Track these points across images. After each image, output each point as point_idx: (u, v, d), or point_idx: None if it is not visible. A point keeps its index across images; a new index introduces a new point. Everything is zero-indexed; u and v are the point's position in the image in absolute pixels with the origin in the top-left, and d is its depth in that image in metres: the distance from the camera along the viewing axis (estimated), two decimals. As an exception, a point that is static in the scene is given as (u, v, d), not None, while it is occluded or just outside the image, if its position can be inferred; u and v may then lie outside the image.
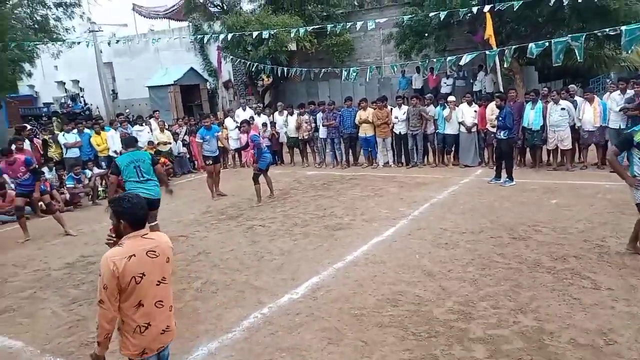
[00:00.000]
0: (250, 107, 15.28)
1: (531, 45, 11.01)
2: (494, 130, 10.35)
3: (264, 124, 13.64)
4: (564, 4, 12.12)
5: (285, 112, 13.71)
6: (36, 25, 17.57)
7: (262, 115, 14.36)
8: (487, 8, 12.18)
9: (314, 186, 10.93)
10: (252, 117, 13.68)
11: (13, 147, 10.06)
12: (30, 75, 20.27)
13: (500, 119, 9.55)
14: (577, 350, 3.92)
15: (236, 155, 14.41)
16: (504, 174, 9.65)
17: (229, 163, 14.69)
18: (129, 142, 7.39)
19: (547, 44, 10.85)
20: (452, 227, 7.14)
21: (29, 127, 14.68)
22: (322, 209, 8.83)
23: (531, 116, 10.36)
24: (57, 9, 17.84)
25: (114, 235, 3.10)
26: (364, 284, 5.45)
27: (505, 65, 12.43)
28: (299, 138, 13.40)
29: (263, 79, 22.03)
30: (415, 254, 6.20)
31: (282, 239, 7.34)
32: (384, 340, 4.31)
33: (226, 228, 8.15)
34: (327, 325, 4.64)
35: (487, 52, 11.94)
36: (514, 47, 11.58)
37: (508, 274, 5.43)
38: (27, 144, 10.94)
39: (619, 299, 4.66)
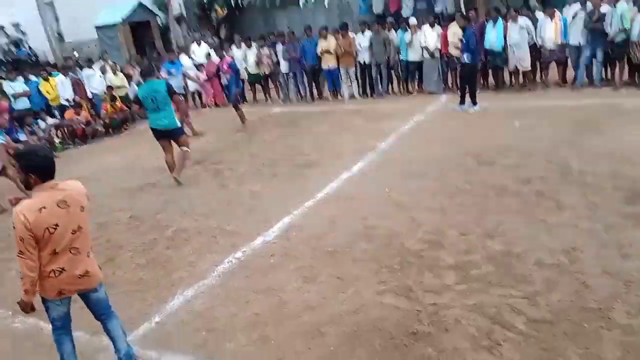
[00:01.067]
0: (205, 42, 14.60)
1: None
2: (457, 53, 10.19)
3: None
4: None
5: (244, 46, 13.09)
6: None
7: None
8: None
9: (280, 124, 10.72)
10: (208, 54, 13.11)
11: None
12: (-37, 20, 18.73)
13: (464, 41, 9.37)
14: (543, 270, 4.08)
15: (196, 96, 13.92)
16: (468, 99, 9.63)
17: (189, 106, 14.17)
18: (147, 71, 7.37)
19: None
20: (420, 157, 7.16)
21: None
22: (290, 147, 8.71)
23: (493, 36, 10.17)
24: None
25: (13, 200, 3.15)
26: (336, 221, 5.48)
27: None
28: (260, 74, 12.94)
29: (217, 11, 20.92)
30: (385, 187, 6.24)
31: (251, 181, 7.25)
32: (358, 275, 4.39)
33: (193, 173, 7.98)
34: (301, 264, 4.69)
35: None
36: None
37: (476, 201, 5.53)
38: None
39: (581, 217, 4.83)
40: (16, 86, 11.53)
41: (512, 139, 7.46)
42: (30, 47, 24.95)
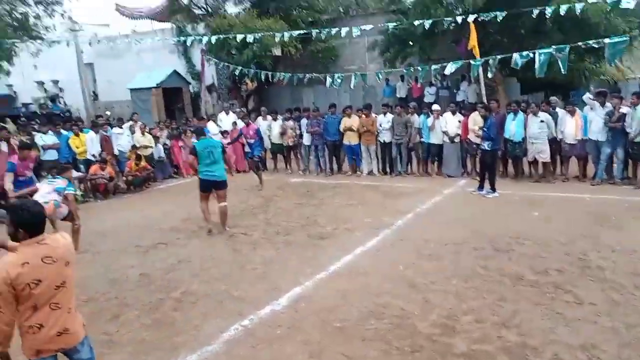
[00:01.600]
0: (233, 112, 15.16)
1: (515, 56, 11.10)
2: (477, 140, 10.42)
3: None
4: (546, 17, 12.28)
5: (269, 118, 13.60)
6: (15, 23, 17.20)
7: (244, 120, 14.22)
8: (471, 18, 12.27)
9: (297, 193, 10.84)
10: (235, 122, 13.58)
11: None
12: (8, 74, 19.85)
13: (485, 129, 9.59)
14: (560, 366, 3.90)
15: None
16: (487, 185, 9.69)
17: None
18: (200, 131, 8.81)
19: (531, 54, 10.95)
20: (436, 238, 7.11)
21: (6, 127, 14.32)
22: (305, 217, 8.74)
23: (512, 127, 10.43)
24: (37, 7, 17.52)
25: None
26: (347, 295, 5.38)
27: (489, 76, 12.52)
28: (283, 144, 13.30)
29: (247, 83, 21.87)
30: (399, 265, 6.16)
31: (264, 247, 7.23)
32: (366, 355, 4.24)
33: (207, 236, 8.01)
34: (309, 337, 4.56)
35: (471, 62, 12.01)
36: (498, 57, 11.67)
37: (491, 287, 5.41)
38: (3, 145, 10.65)
39: (601, 314, 4.67)
40: (47, 138, 11.95)
41: (530, 227, 7.39)
42: (65, 103, 26.18)
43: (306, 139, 12.84)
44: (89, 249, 7.53)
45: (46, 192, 7.17)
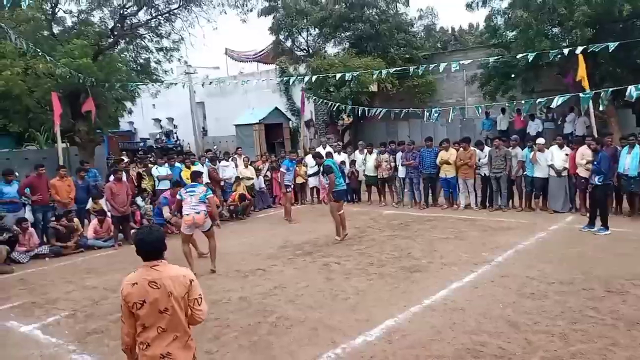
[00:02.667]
0: (329, 145, 15.56)
1: (631, 88, 10.32)
2: (586, 174, 9.78)
3: (343, 162, 13.84)
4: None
5: (365, 151, 13.81)
6: (139, 68, 19.17)
7: (341, 153, 14.55)
8: (579, 50, 11.68)
9: (391, 226, 10.78)
10: (330, 154, 13.93)
11: (111, 177, 10.94)
12: (130, 112, 22.03)
13: (596, 163, 9.00)
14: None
15: (314, 192, 14.66)
16: (597, 222, 9.00)
17: (307, 199, 14.93)
18: (319, 154, 10.57)
19: (648, 87, 10.15)
20: (540, 277, 6.71)
21: (125, 159, 15.86)
22: (399, 250, 8.66)
23: (627, 161, 9.67)
24: (158, 53, 19.40)
25: None
26: (442, 331, 5.22)
27: (600, 108, 11.76)
28: (378, 177, 13.38)
29: (343, 119, 22.43)
30: (499, 303, 5.87)
31: (357, 277, 7.25)
32: (462, 393, 4.07)
33: (302, 264, 8.21)
34: (402, 371, 4.48)
35: (581, 95, 11.36)
36: (610, 90, 10.93)
37: (603, 331, 4.98)
38: (124, 175, 11.79)
39: None
40: (161, 170, 13.05)
41: (649, 269, 6.73)
42: (177, 138, 28.43)
43: (401, 172, 12.83)
44: (195, 271, 8.02)
45: (194, 204, 7.87)
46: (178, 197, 8.30)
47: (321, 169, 10.17)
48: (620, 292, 5.96)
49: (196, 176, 8.50)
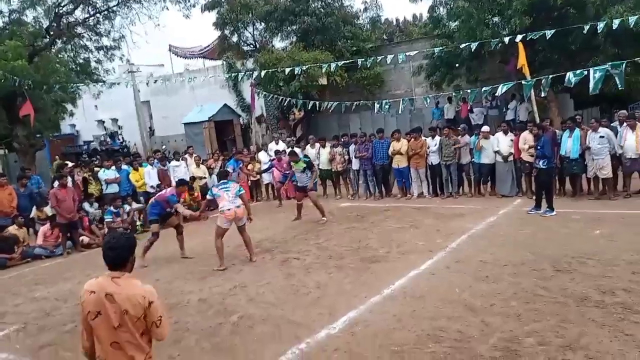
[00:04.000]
0: (282, 141, 15.49)
1: (569, 74, 10.79)
2: (530, 159, 10.19)
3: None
4: (598, 32, 11.97)
5: (317, 145, 13.82)
6: (78, 68, 18.39)
7: (294, 148, 14.50)
8: (519, 38, 12.12)
9: (348, 218, 10.87)
10: (284, 151, 13.86)
11: (56, 183, 10.48)
12: (72, 114, 21.16)
13: (539, 147, 9.38)
14: (634, 390, 3.68)
15: (269, 188, 14.56)
16: (544, 204, 9.40)
17: (262, 196, 14.82)
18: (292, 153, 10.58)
19: (585, 72, 10.65)
20: (493, 260, 6.94)
21: (69, 164, 15.22)
22: (357, 241, 8.74)
23: (569, 144, 10.14)
24: (98, 52, 18.69)
25: None
26: (403, 319, 5.31)
27: (542, 95, 12.25)
28: (332, 170, 13.44)
29: (294, 113, 22.38)
30: (455, 288, 6.03)
31: (318, 272, 7.27)
32: (426, 378, 4.16)
33: (261, 261, 8.15)
34: (366, 361, 4.52)
35: (523, 82, 11.79)
36: (550, 76, 11.40)
37: (554, 309, 5.20)
38: (69, 181, 11.31)
39: (676, 335, 4.39)
40: (109, 173, 12.61)
41: (592, 246, 7.09)
42: (123, 139, 27.55)
43: (355, 164, 12.94)
44: (148, 274, 7.81)
45: (232, 198, 7.83)
46: (209, 196, 8.35)
47: (305, 166, 10.75)
48: (569, 271, 6.25)
49: (225, 175, 8.62)
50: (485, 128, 11.85)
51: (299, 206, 11.12)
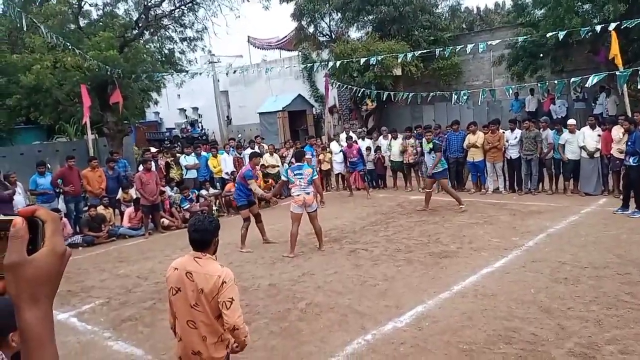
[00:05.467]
0: (353, 132, 15.49)
1: (667, 64, 9.93)
2: (620, 156, 9.50)
3: (368, 148, 13.78)
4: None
5: (390, 136, 13.69)
6: (163, 58, 19.35)
7: (365, 139, 14.47)
8: (612, 26, 11.27)
9: (418, 211, 10.70)
10: (350, 137, 13.91)
11: (141, 167, 11.11)
12: (156, 103, 22.31)
13: (630, 143, 8.73)
14: None
15: (339, 178, 14.63)
16: (632, 204, 8.75)
17: (332, 186, 14.91)
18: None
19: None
20: (572, 261, 6.58)
21: (153, 149, 16.09)
22: (427, 235, 8.60)
23: (664, 141, 9.34)
24: (182, 43, 19.54)
25: None
26: (473, 317, 5.17)
27: (638, 87, 11.36)
28: (404, 162, 13.26)
29: (367, 104, 22.26)
30: (531, 288, 5.79)
31: (385, 264, 7.24)
32: (495, 379, 4.04)
33: (330, 250, 8.23)
34: (433, 358, 4.46)
35: (617, 73, 10.98)
36: (648, 66, 10.52)
37: (639, 316, 4.86)
38: (153, 165, 11.96)
39: None
40: (189, 159, 13.21)
41: (688, 252, 6.53)
42: (202, 127, 28.70)
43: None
44: (221, 258, 8.13)
45: (304, 185, 8.03)
46: (283, 177, 8.58)
47: (431, 146, 10.56)
48: (658, 277, 5.81)
49: (301, 156, 8.56)
50: (571, 121, 11.19)
51: (447, 191, 10.77)
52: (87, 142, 14.59)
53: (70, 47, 14.18)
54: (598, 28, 11.75)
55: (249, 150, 14.13)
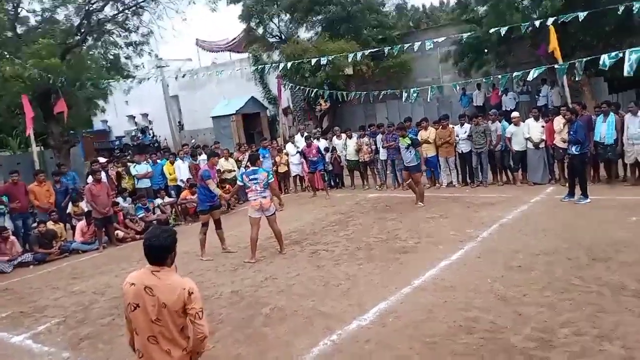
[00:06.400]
0: (308, 132, 15.51)
1: (603, 57, 10.43)
2: (564, 145, 9.95)
3: (326, 149, 13.85)
4: (634, 12, 11.53)
5: (344, 136, 13.80)
6: (109, 64, 18.78)
7: (321, 139, 14.52)
8: (550, 21, 11.78)
9: (376, 209, 10.85)
10: (308, 137, 13.96)
11: (90, 179, 10.75)
12: (103, 111, 21.63)
13: (572, 133, 9.14)
14: (675, 382, 3.60)
15: (297, 180, 14.63)
16: (577, 191, 9.18)
17: (291, 188, 14.90)
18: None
19: (620, 54, 10.28)
20: (525, 249, 6.84)
21: (102, 160, 15.59)
22: (386, 232, 8.73)
23: (603, 129, 9.87)
24: (127, 48, 19.02)
25: None
26: (434, 310, 5.29)
27: (577, 79, 11.91)
28: (359, 161, 13.41)
29: (321, 104, 22.36)
30: (487, 278, 5.97)
31: (347, 263, 7.29)
32: (459, 370, 4.14)
33: (290, 253, 8.22)
34: (398, 353, 4.53)
35: (556, 66, 11.47)
36: (584, 60, 11.05)
37: (589, 298, 5.10)
38: (103, 175, 11.60)
39: None
40: (140, 168, 12.87)
41: (629, 234, 6.91)
42: (154, 134, 28.04)
43: (382, 154, 12.86)
44: (181, 268, 7.97)
45: (259, 190, 7.91)
46: (239, 182, 8.44)
47: (409, 142, 10.48)
48: (604, 260, 6.11)
49: (255, 159, 8.45)
50: (515, 114, 11.63)
51: (410, 186, 10.82)
52: (32, 155, 13.97)
53: (7, 56, 13.55)
54: (537, 23, 12.24)
55: (204, 157, 13.92)
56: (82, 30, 17.17)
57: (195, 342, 3.08)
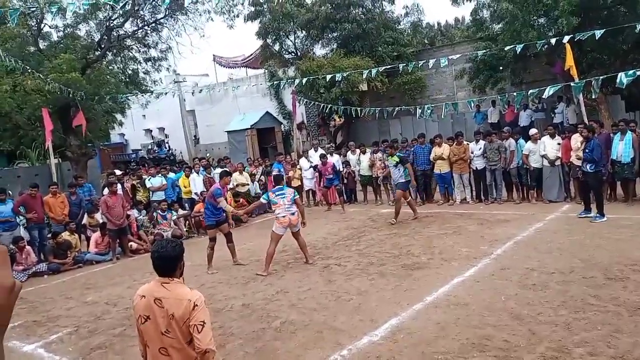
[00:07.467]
0: (322, 148, 15.59)
1: (620, 75, 10.36)
2: (579, 163, 9.84)
3: (344, 163, 13.99)
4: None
5: (358, 151, 13.84)
6: (127, 79, 19.12)
7: (334, 154, 14.56)
8: (566, 39, 11.75)
9: (389, 224, 10.79)
10: (323, 155, 14.00)
11: (106, 191, 10.89)
12: (121, 124, 21.96)
13: (587, 151, 9.05)
14: (694, 406, 3.50)
15: (310, 194, 14.66)
16: (593, 208, 9.06)
17: (303, 202, 14.90)
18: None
19: (638, 72, 10.19)
20: (540, 267, 6.75)
21: (118, 172, 15.80)
22: (398, 248, 8.68)
23: (620, 148, 9.75)
24: (146, 64, 19.36)
25: None
26: (446, 327, 5.23)
27: (593, 96, 11.82)
28: (373, 176, 13.41)
29: (335, 119, 22.47)
30: (501, 296, 5.90)
31: (359, 278, 7.25)
32: (470, 388, 4.08)
33: (303, 267, 8.21)
34: (409, 369, 4.48)
35: (572, 84, 11.41)
36: (601, 78, 10.97)
37: (605, 318, 5.01)
38: (118, 187, 11.73)
39: None
40: (154, 181, 13.00)
41: (647, 254, 6.78)
42: (169, 148, 28.37)
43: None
44: (192, 280, 8.01)
45: (287, 205, 8.00)
46: (264, 199, 8.57)
47: (397, 160, 10.70)
48: (620, 279, 6.00)
49: (280, 179, 8.64)
50: (534, 131, 11.56)
51: (410, 204, 11.05)
52: (50, 166, 14.21)
53: (30, 71, 13.87)
54: (553, 41, 12.22)
55: (218, 170, 14.04)
56: (102, 46, 17.52)
57: (199, 355, 3.04)
